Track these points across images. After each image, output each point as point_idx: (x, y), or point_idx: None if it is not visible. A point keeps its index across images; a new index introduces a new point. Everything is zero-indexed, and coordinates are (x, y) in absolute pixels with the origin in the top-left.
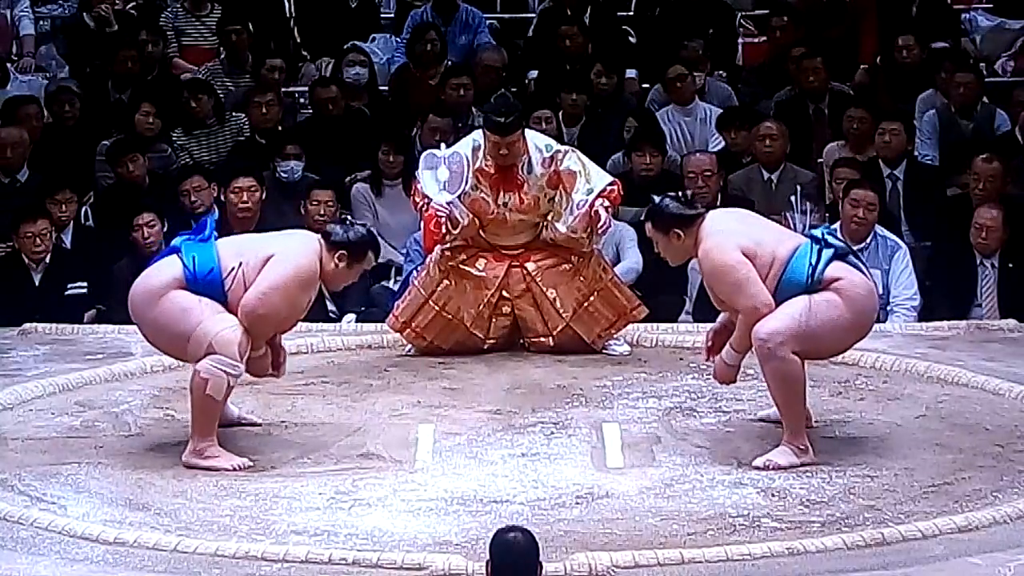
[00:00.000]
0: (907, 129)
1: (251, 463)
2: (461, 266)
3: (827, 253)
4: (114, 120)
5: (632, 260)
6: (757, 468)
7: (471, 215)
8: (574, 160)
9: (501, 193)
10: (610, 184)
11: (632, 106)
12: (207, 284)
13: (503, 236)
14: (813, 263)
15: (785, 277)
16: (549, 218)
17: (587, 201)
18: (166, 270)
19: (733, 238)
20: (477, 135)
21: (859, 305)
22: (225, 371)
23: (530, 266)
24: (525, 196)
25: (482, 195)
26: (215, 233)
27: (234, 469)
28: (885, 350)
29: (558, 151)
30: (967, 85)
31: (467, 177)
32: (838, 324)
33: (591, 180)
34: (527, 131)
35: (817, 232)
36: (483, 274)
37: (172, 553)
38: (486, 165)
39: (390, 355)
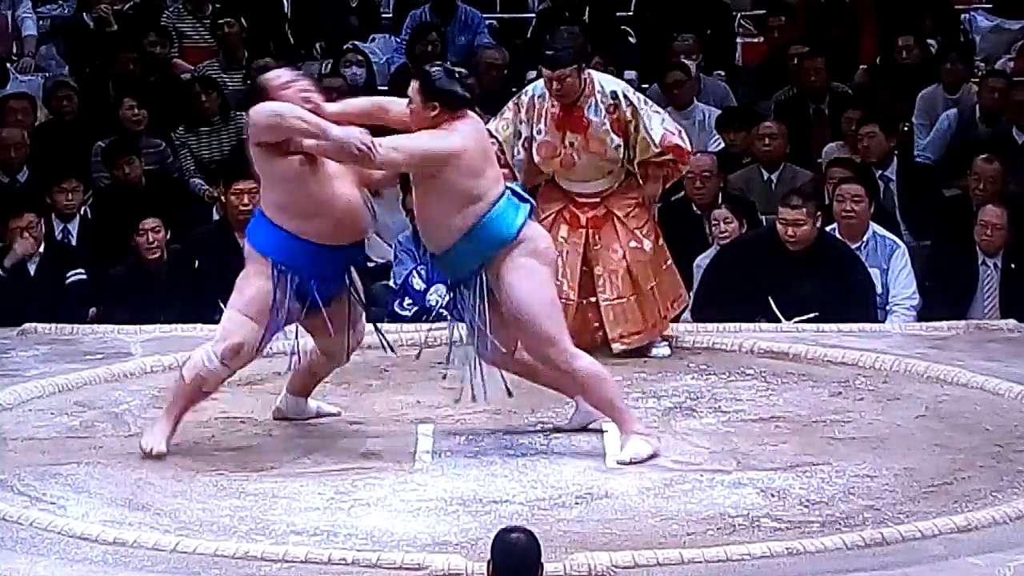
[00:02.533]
0: (893, 129)
1: (164, 453)
2: (556, 236)
3: (525, 208)
4: (114, 121)
5: None
6: (623, 463)
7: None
8: (633, 112)
9: (567, 133)
10: (668, 148)
11: None
12: None
13: (575, 181)
14: (519, 222)
15: (489, 218)
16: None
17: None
18: None
19: (465, 142)
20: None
21: (549, 257)
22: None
23: (603, 236)
24: (591, 138)
25: (548, 137)
26: None
27: (147, 451)
28: (885, 350)
29: (619, 100)
30: (998, 90)
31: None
32: (549, 284)
33: (651, 134)
34: (597, 73)
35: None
36: (564, 239)
37: (171, 553)
38: (552, 106)
39: (390, 355)
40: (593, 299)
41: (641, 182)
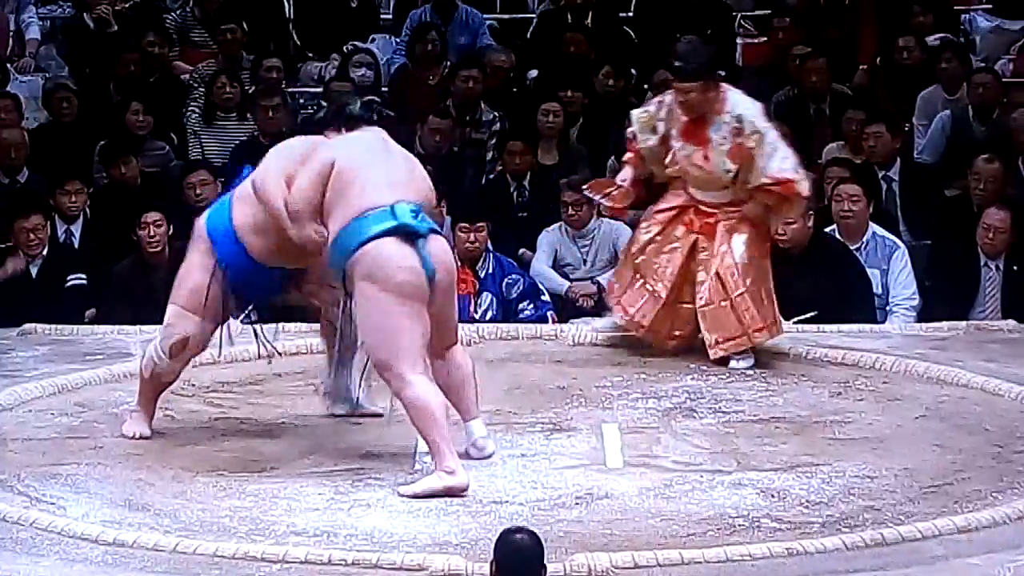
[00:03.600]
0: (897, 129)
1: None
2: (672, 232)
3: (382, 226)
4: (114, 121)
5: None
6: (402, 495)
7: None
8: (757, 141)
9: (688, 145)
10: (777, 181)
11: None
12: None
13: (696, 188)
14: (365, 237)
15: (349, 226)
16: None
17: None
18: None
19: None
20: None
21: (394, 283)
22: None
23: (715, 244)
24: (708, 155)
25: (674, 143)
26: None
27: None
28: (885, 351)
29: (743, 125)
30: (986, 86)
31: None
32: (396, 311)
33: (764, 165)
34: (737, 94)
35: (403, 208)
36: (678, 237)
37: (171, 554)
38: (681, 114)
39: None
40: (688, 304)
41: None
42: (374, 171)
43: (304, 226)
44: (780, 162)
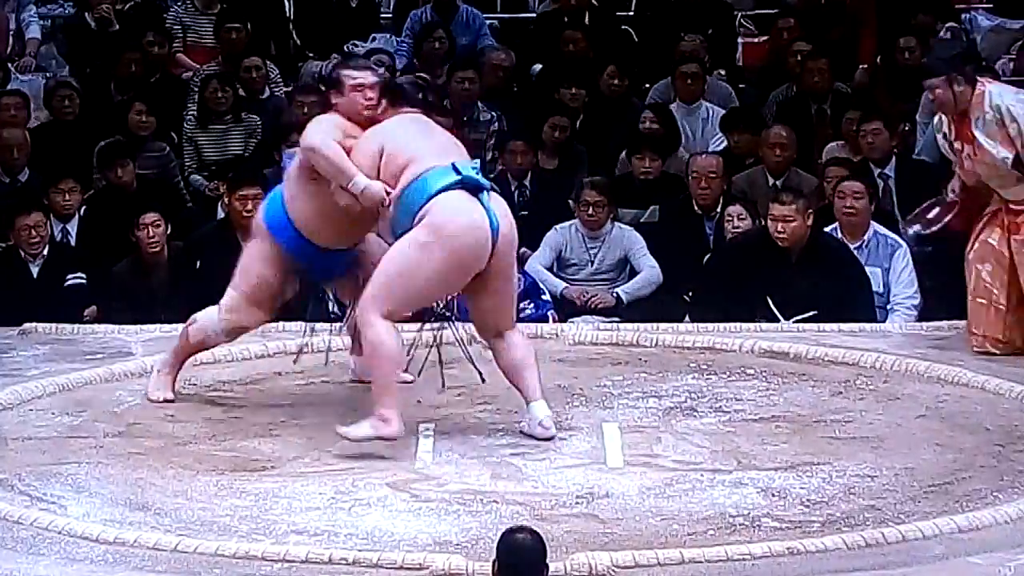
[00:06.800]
0: (895, 127)
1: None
2: (981, 239)
3: (447, 180)
4: (115, 121)
5: (648, 271)
6: (339, 434)
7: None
8: (1016, 129)
9: (963, 144)
10: None
11: (640, 108)
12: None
13: (997, 187)
14: (440, 187)
15: (411, 188)
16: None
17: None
18: None
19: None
20: None
21: (454, 242)
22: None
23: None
24: (979, 151)
25: (956, 144)
26: None
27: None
28: (885, 350)
29: (1003, 115)
30: None
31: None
32: (432, 267)
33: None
34: (995, 86)
35: (465, 164)
36: (994, 244)
37: (172, 553)
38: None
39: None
40: None
41: None
42: (425, 142)
43: (369, 183)
44: None
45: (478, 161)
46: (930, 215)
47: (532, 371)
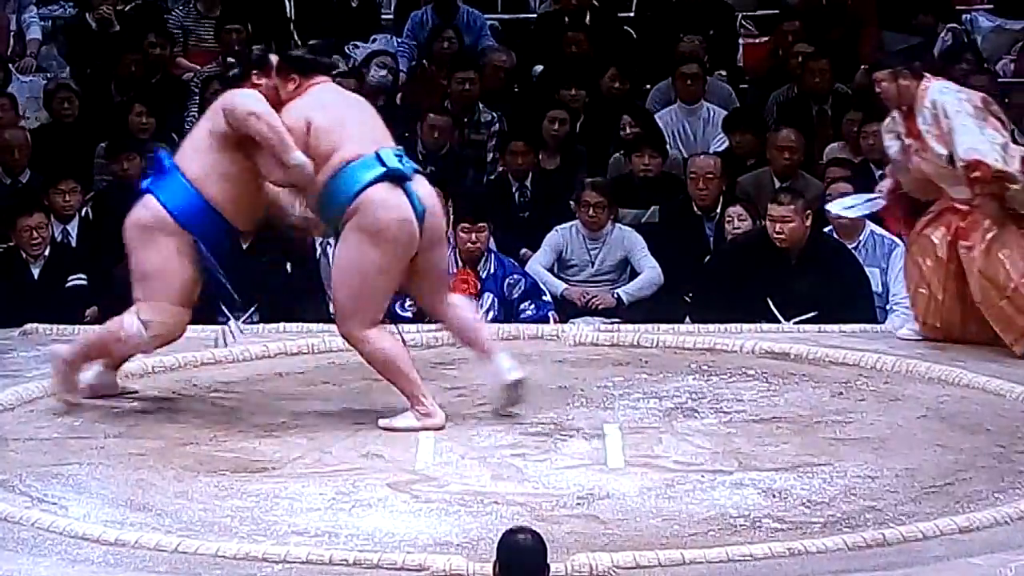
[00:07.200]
0: None
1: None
2: (923, 234)
3: (373, 173)
4: (115, 122)
5: (649, 273)
6: (383, 428)
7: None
8: (947, 125)
9: (912, 139)
10: (967, 163)
11: (629, 106)
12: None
13: (946, 186)
14: (359, 186)
15: (337, 179)
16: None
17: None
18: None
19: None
20: None
21: (390, 240)
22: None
23: (964, 243)
24: (925, 146)
25: (907, 140)
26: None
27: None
28: (886, 350)
29: (937, 110)
30: (982, 88)
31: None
32: (379, 267)
33: (955, 149)
34: (938, 82)
35: (388, 153)
36: (936, 243)
37: (173, 554)
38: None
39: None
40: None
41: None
42: (348, 122)
43: (306, 160)
44: (970, 142)
45: (401, 148)
46: (868, 202)
47: (484, 327)
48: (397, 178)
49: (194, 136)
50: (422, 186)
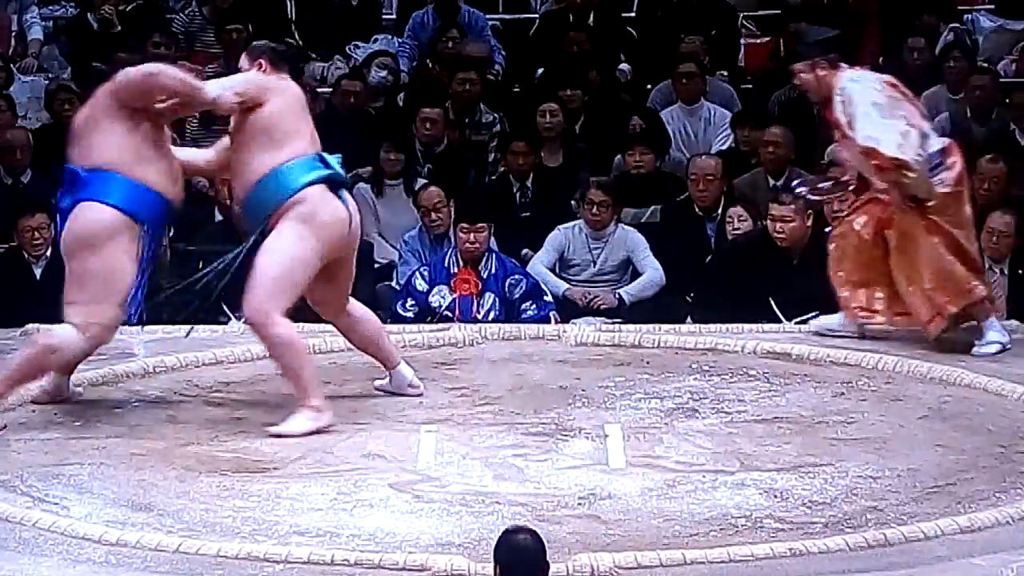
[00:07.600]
0: None
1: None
2: (848, 220)
3: (316, 173)
4: None
5: (651, 273)
6: (274, 436)
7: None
8: (851, 113)
9: (833, 129)
10: (864, 151)
11: (628, 103)
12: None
13: (867, 175)
14: (301, 183)
15: (279, 170)
16: None
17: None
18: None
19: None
20: None
21: (325, 230)
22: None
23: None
24: (843, 133)
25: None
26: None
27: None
28: (887, 351)
29: (846, 101)
30: (983, 88)
31: None
32: (306, 256)
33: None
34: (852, 73)
35: (331, 158)
36: (858, 230)
37: (174, 554)
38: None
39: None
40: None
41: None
42: (298, 121)
43: (222, 91)
44: (868, 130)
45: (339, 156)
46: (821, 185)
47: (386, 337)
48: (336, 184)
49: (88, 129)
50: (350, 199)
